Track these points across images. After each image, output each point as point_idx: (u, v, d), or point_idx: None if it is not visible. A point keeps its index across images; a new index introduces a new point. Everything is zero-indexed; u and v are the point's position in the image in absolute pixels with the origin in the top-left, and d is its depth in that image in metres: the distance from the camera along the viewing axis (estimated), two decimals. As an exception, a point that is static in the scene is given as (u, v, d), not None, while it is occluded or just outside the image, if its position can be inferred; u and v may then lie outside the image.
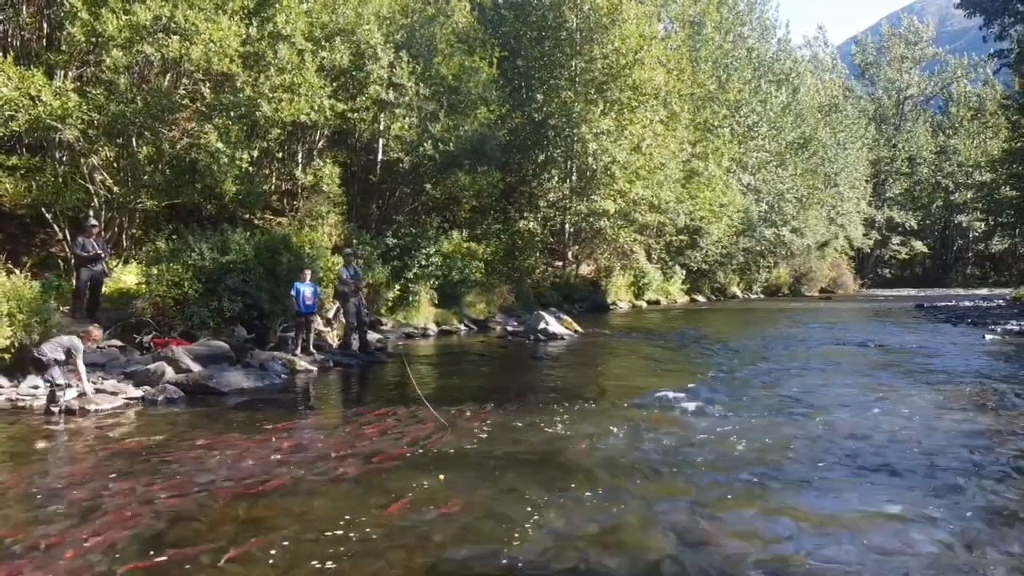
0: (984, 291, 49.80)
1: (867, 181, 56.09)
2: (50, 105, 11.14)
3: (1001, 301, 32.66)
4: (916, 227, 63.18)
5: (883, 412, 7.13)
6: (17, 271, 8.47)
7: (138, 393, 7.58)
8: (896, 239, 62.93)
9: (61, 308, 9.32)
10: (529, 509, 4.17)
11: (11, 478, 4.73)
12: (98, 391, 7.31)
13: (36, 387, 7.67)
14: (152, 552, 3.49)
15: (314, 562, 3.44)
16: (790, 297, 42.50)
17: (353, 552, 3.58)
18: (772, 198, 40.51)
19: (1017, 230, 38.93)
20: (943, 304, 30.02)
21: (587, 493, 4.48)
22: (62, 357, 6.82)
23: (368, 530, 3.86)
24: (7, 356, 7.70)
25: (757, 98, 38.56)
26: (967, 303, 30.97)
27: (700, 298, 35.65)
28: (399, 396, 7.90)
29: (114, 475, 4.83)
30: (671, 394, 7.84)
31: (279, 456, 5.34)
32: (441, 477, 4.67)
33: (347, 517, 4.03)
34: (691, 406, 7.28)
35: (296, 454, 5.43)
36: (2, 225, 13.61)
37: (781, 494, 4.50)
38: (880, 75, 64.01)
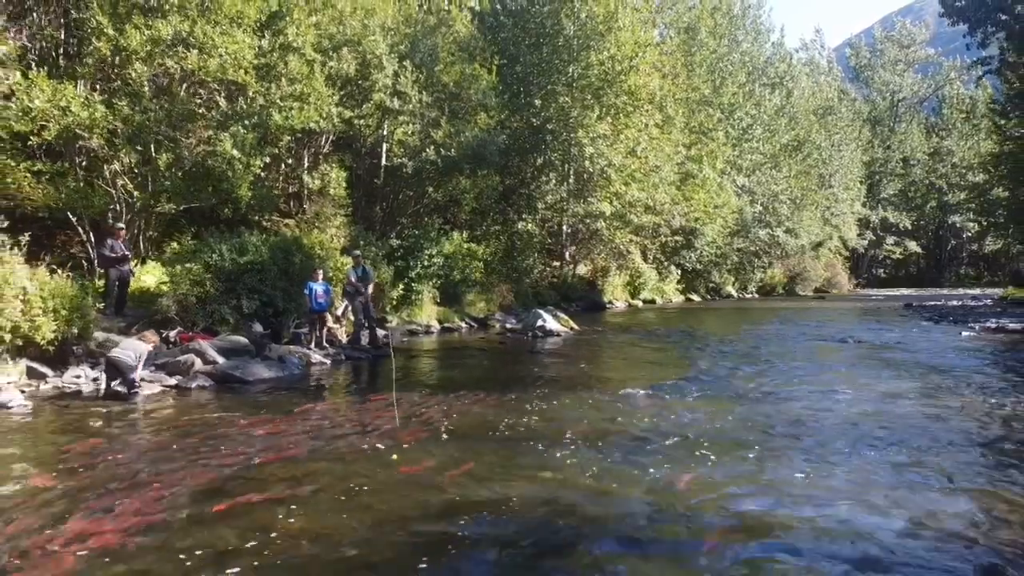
0: (976, 291, 50.64)
1: (861, 182, 56.94)
2: (78, 116, 11.90)
3: (989, 300, 33.47)
4: (910, 227, 64.05)
5: (842, 399, 7.90)
6: (59, 271, 9.22)
7: (172, 382, 8.37)
8: (890, 239, 63.79)
9: (97, 305, 10.07)
10: (522, 471, 4.94)
11: (87, 449, 5.49)
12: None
13: (78, 376, 8.45)
14: (219, 499, 4.28)
15: (351, 503, 4.24)
16: (784, 296, 43.31)
17: (380, 497, 4.37)
18: (766, 199, 41.30)
19: (1010, 230, 39.60)
20: (931, 303, 30.82)
21: (569, 460, 5.25)
22: (135, 359, 7.62)
23: (390, 484, 4.65)
24: (52, 348, 8.45)
25: (751, 101, 39.36)
26: (955, 302, 31.74)
27: (695, 297, 36.46)
28: (406, 385, 8.68)
29: (171, 446, 5.62)
30: (650, 385, 8.61)
31: (306, 433, 6.11)
32: (395, 457, 5.34)
33: (371, 476, 4.82)
34: (666, 394, 8.06)
35: (320, 431, 6.20)
36: (25, 227, 14.37)
37: (732, 466, 5.27)
38: (874, 78, 64.86)
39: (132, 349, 7.74)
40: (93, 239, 13.27)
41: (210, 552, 3.51)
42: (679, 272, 35.34)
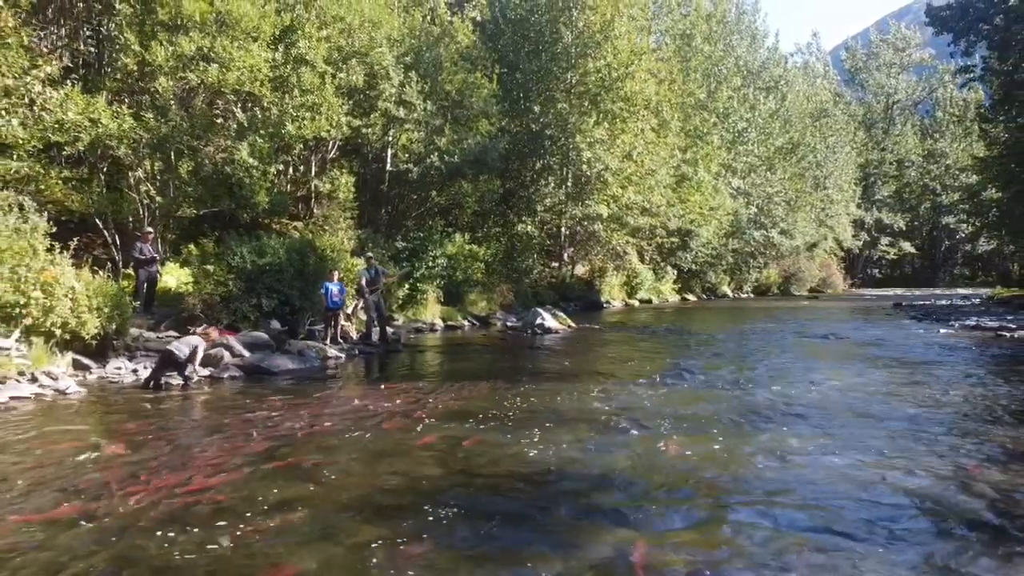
0: (968, 290, 51.55)
1: (856, 184, 57.85)
2: (108, 127, 12.75)
3: (977, 299, 34.33)
4: (904, 228, 65.00)
5: (813, 390, 8.75)
6: (101, 272, 10.06)
7: (206, 372, 9.22)
8: (885, 240, 64.73)
9: (134, 304, 10.91)
10: (526, 443, 5.78)
11: (147, 426, 6.34)
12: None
13: (119, 368, 9.30)
14: (268, 461, 5.13)
15: (381, 465, 5.08)
16: (779, 296, 44.16)
17: (405, 461, 5.22)
18: (761, 201, 42.18)
19: (1002, 231, 40.33)
20: (920, 303, 31.68)
21: (567, 435, 6.10)
22: (187, 355, 8.47)
23: (412, 452, 5.50)
24: (94, 342, 9.30)
25: (746, 105, 40.23)
26: (944, 302, 32.61)
27: (691, 297, 37.32)
28: (414, 375, 9.55)
29: (219, 424, 6.49)
30: (642, 376, 9.46)
31: (333, 413, 6.97)
32: (413, 432, 6.18)
33: (395, 446, 5.67)
34: (657, 384, 8.92)
35: (345, 412, 7.05)
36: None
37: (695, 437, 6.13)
38: (869, 80, 65.82)
39: (187, 345, 8.58)
40: (119, 242, 14.12)
41: (275, 498, 4.36)
42: (675, 272, 36.23)
